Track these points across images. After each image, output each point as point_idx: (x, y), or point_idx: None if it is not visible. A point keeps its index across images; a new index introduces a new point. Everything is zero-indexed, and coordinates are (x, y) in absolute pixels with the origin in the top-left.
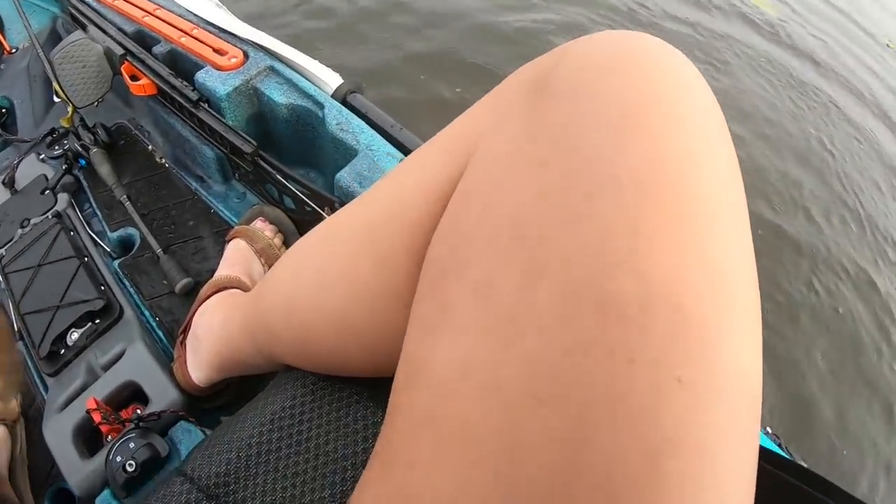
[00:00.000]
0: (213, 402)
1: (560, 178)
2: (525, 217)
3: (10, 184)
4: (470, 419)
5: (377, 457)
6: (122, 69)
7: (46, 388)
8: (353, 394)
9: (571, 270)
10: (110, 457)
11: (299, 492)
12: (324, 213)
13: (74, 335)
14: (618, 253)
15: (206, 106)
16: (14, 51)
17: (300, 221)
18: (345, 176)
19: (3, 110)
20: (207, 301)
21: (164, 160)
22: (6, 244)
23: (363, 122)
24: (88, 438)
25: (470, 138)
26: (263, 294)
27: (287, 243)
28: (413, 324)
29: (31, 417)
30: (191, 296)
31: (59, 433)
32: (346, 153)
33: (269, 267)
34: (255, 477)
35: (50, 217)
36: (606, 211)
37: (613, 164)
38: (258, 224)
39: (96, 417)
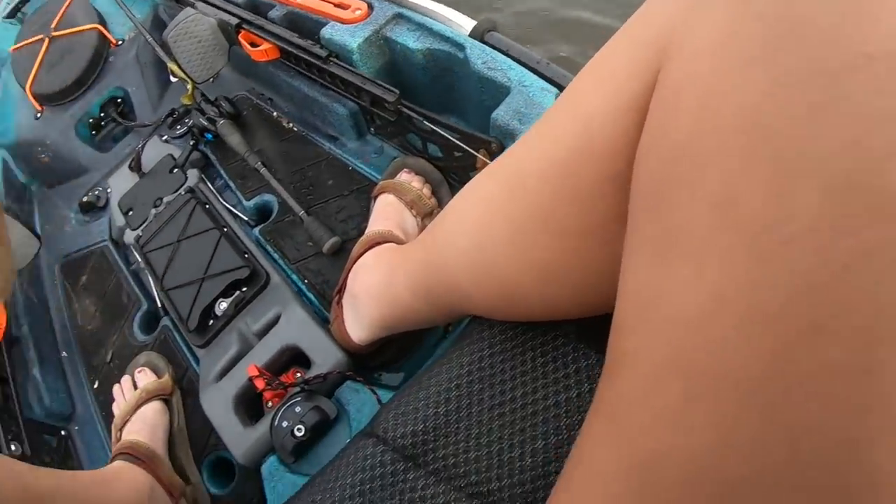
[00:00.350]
0: (375, 360)
1: (797, 61)
2: (763, 111)
3: (136, 168)
4: (729, 360)
5: (600, 413)
6: (239, 38)
7: (197, 361)
8: (558, 336)
9: (833, 167)
10: (275, 423)
11: (507, 444)
12: (479, 156)
13: (223, 305)
14: (885, 141)
15: (336, 60)
16: (120, 43)
17: (447, 169)
18: (502, 114)
19: (119, 100)
20: (362, 258)
21: (291, 125)
22: (141, 225)
23: (509, 59)
24: (248, 406)
25: (656, 37)
26: (438, 249)
27: (436, 193)
28: (634, 255)
29: (185, 390)
30: (339, 255)
31: (218, 403)
32: (496, 92)
33: (422, 218)
34: (457, 433)
35: (183, 193)
36: (862, 94)
37: (859, 39)
38: (403, 176)
39: (259, 384)
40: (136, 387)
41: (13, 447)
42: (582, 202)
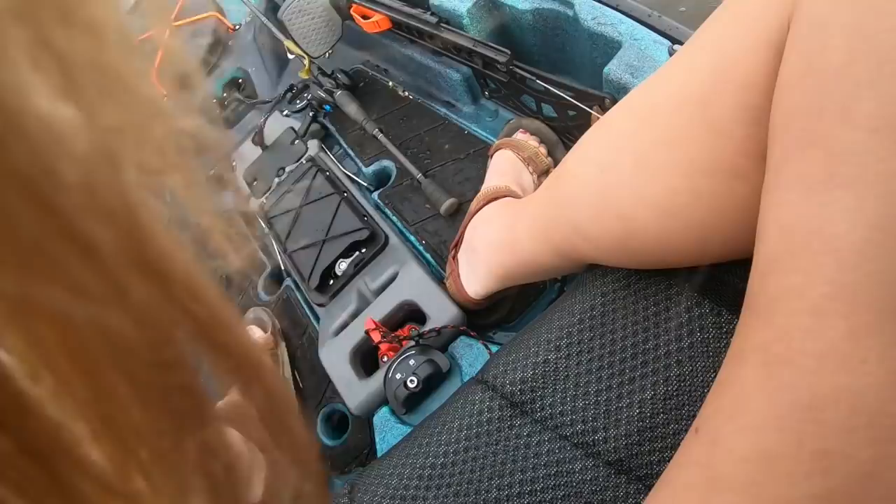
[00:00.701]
0: (490, 317)
1: None
2: None
3: (259, 141)
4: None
5: (747, 361)
6: (351, 12)
7: (317, 319)
8: (671, 285)
9: None
10: (389, 374)
11: (615, 395)
12: (592, 112)
13: (342, 265)
14: None
15: (447, 26)
16: (237, 27)
17: (562, 130)
18: (614, 69)
19: (241, 80)
20: (479, 213)
21: (407, 93)
22: (265, 193)
23: (619, 14)
24: (364, 360)
25: None
26: (561, 192)
27: (551, 153)
28: (783, 189)
29: (305, 346)
30: (456, 217)
31: (335, 356)
32: (607, 48)
33: (538, 176)
34: (565, 381)
35: (304, 162)
36: None
37: None
38: (520, 136)
39: (375, 337)
40: None
41: None
42: (713, 135)
